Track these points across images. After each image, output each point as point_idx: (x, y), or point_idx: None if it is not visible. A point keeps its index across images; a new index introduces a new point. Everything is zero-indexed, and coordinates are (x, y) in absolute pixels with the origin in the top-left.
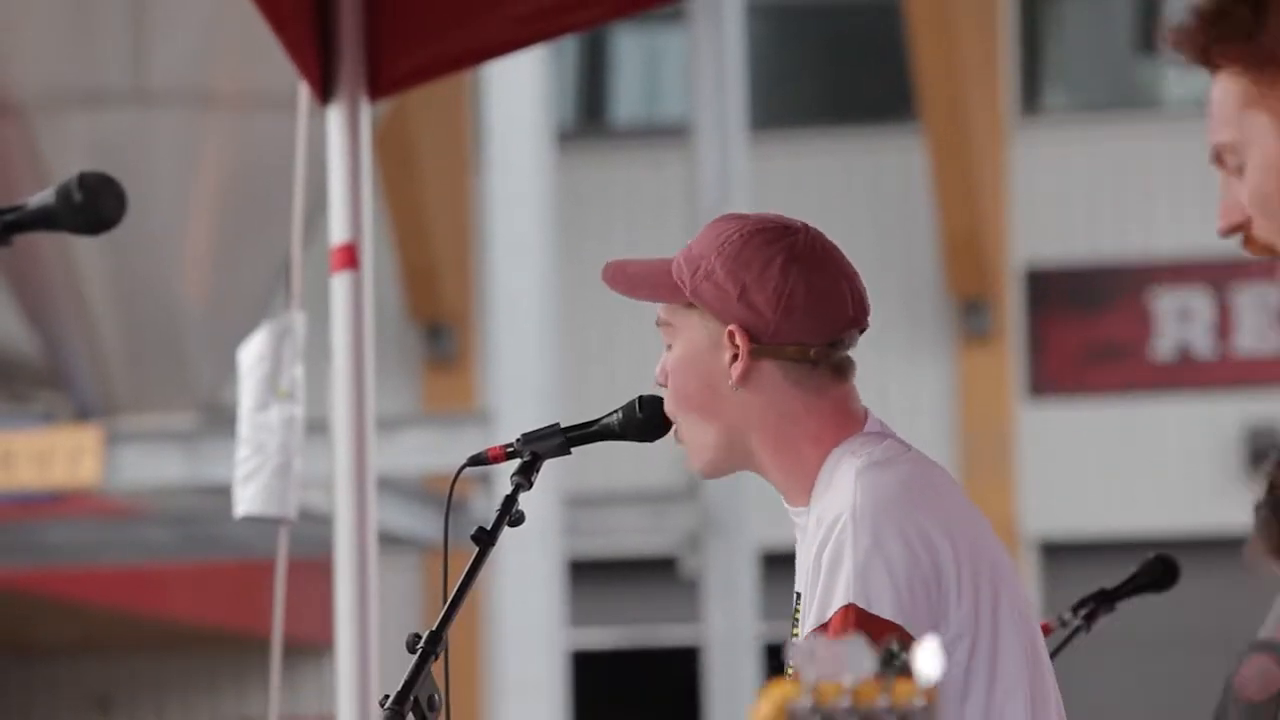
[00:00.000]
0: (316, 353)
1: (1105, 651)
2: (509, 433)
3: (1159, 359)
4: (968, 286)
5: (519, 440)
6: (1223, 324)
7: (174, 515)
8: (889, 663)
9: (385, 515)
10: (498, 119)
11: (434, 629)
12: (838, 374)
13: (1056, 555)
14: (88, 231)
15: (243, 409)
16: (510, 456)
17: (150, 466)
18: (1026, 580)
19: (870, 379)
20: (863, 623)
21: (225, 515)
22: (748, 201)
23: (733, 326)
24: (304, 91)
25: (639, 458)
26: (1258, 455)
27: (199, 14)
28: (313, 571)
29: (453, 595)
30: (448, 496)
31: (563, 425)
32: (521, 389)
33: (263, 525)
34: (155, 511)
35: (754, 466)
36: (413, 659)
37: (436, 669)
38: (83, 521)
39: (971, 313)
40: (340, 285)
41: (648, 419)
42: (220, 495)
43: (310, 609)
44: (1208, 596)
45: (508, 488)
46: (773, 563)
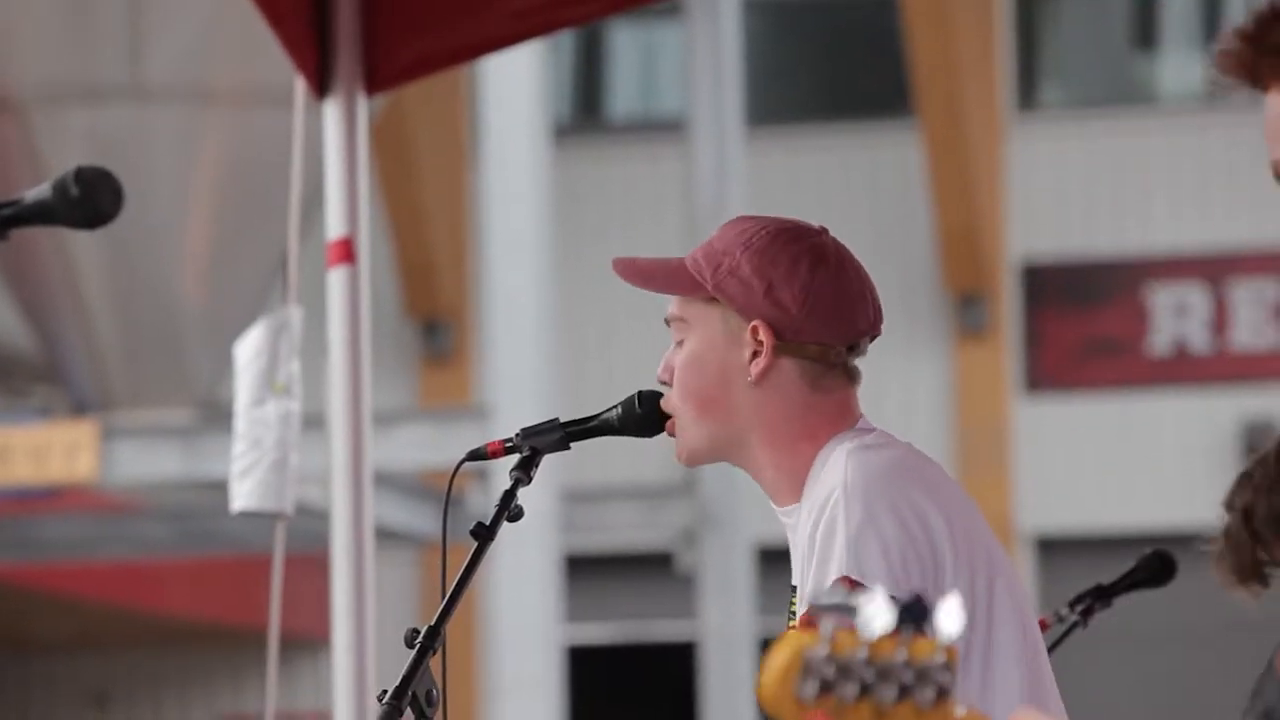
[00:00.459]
0: (313, 348)
1: (1102, 647)
2: (506, 428)
3: (1155, 354)
4: (964, 282)
5: (518, 435)
6: (1219, 319)
7: (170, 510)
8: (908, 618)
9: (382, 510)
10: (494, 114)
11: (432, 624)
12: (849, 378)
13: (1053, 551)
14: (85, 226)
15: (239, 404)
16: (509, 451)
17: (147, 462)
18: (1023, 576)
19: (867, 374)
20: None
21: (222, 510)
22: (744, 197)
23: (757, 322)
24: (301, 86)
25: (635, 453)
26: (1254, 450)
27: (196, 10)
28: (309, 567)
29: (451, 590)
30: (447, 491)
31: (561, 420)
32: (518, 384)
33: (259, 520)
34: (152, 507)
35: (743, 461)
36: (411, 654)
37: (434, 664)
38: (79, 517)
39: (968, 308)
40: (337, 280)
41: (647, 414)
42: (217, 490)
43: (307, 604)
44: (1204, 592)
45: (505, 483)
46: (769, 558)
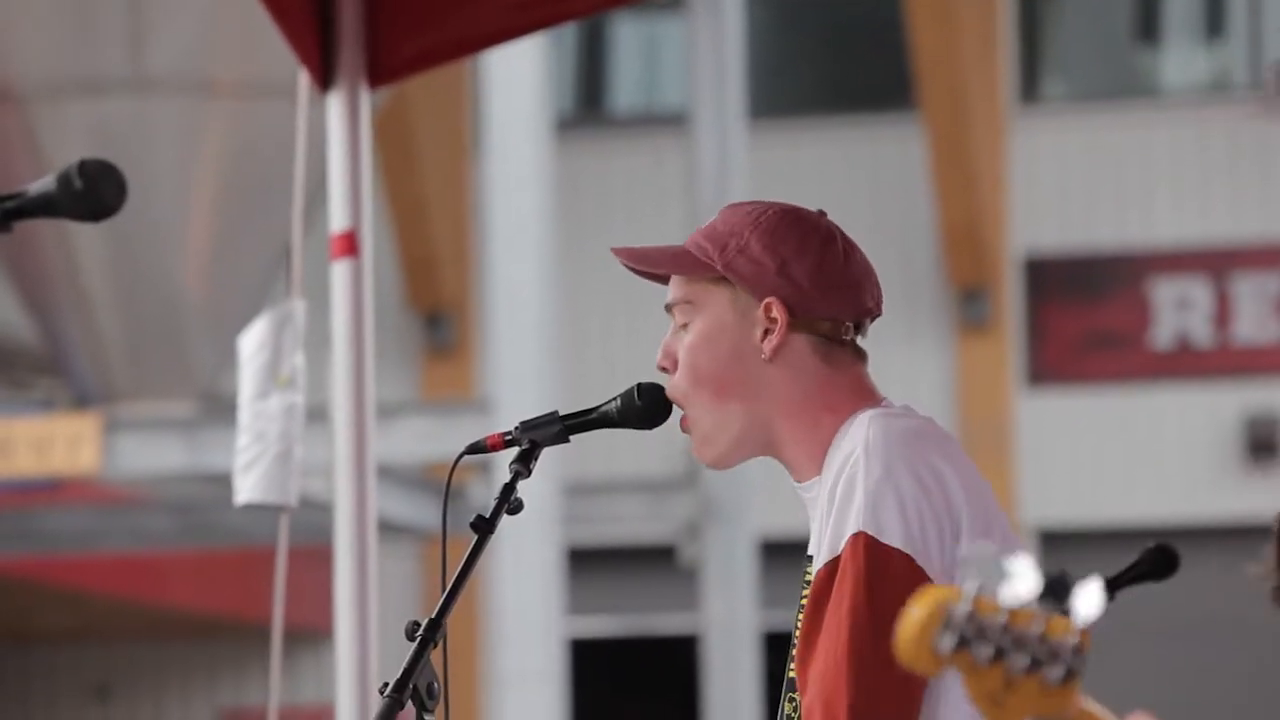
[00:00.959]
0: (316, 340)
1: (1104, 640)
2: (508, 421)
3: (1158, 348)
4: (966, 275)
5: (517, 428)
6: (1221, 313)
7: (173, 503)
8: (1051, 593)
9: (384, 503)
10: (497, 107)
11: (433, 617)
12: (857, 355)
13: (1055, 544)
14: (88, 218)
15: (243, 397)
16: (509, 444)
17: (149, 454)
18: None
19: (869, 367)
20: (872, 551)
21: (225, 503)
22: (746, 190)
23: (770, 299)
24: (304, 79)
25: (638, 446)
26: (1257, 444)
27: (198, 2)
28: (312, 559)
29: (451, 583)
30: (446, 484)
31: (561, 413)
32: (521, 377)
33: (262, 513)
34: (154, 499)
35: (767, 445)
36: (412, 647)
37: (436, 657)
38: (82, 509)
39: (970, 301)
40: (340, 273)
41: (647, 406)
42: (219, 483)
43: (309, 597)
44: (1206, 585)
45: (506, 476)
46: (772, 551)
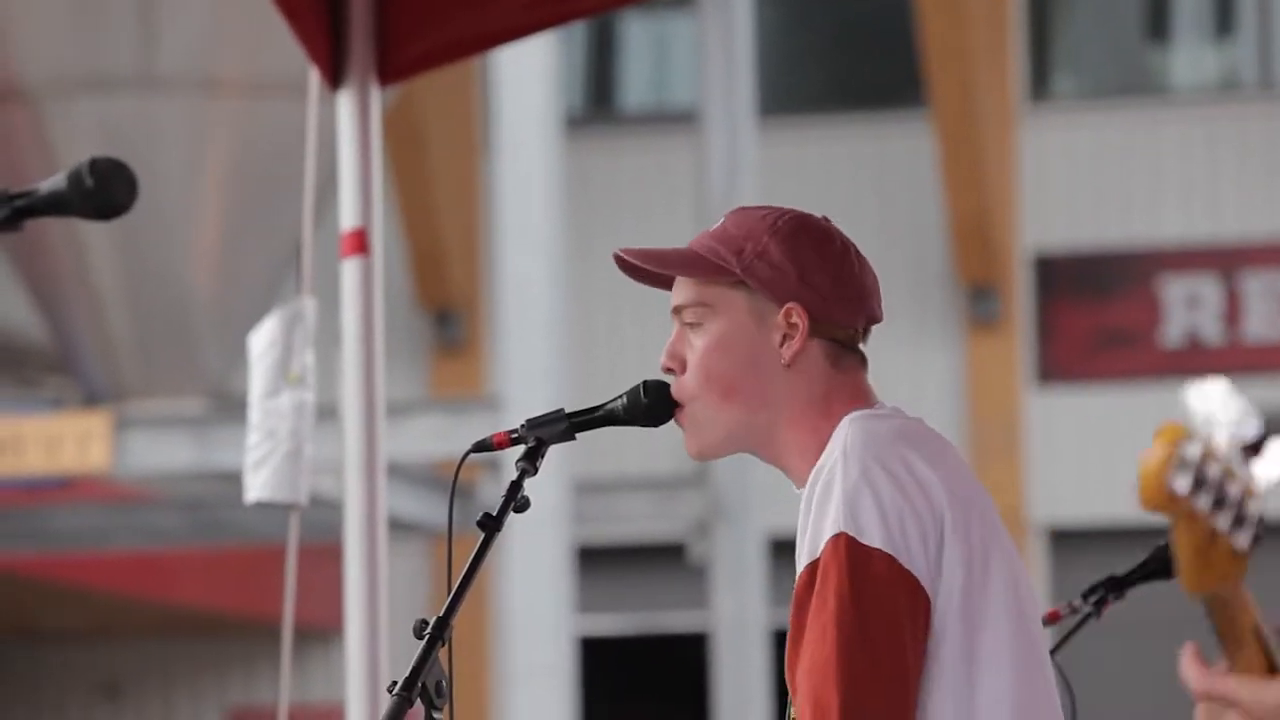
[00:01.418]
0: (326, 338)
1: (1115, 638)
2: (518, 418)
3: (1168, 345)
4: (976, 273)
5: (523, 426)
6: (1231, 310)
7: (183, 501)
8: (1252, 449)
9: (393, 501)
10: (507, 105)
11: (440, 615)
12: (861, 360)
13: (1064, 542)
14: (99, 217)
15: (254, 395)
16: (515, 442)
17: (159, 452)
18: (1034, 567)
19: (878, 365)
20: (853, 552)
21: (234, 501)
22: (756, 188)
23: (792, 305)
24: (314, 77)
25: (647, 444)
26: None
27: None
28: (322, 557)
29: (459, 581)
30: (453, 482)
31: (567, 410)
32: (530, 374)
33: (272, 511)
34: (164, 497)
35: (763, 447)
36: (420, 644)
37: (444, 655)
38: (92, 507)
39: (980, 299)
40: (350, 271)
41: (653, 404)
42: (229, 481)
43: (319, 594)
44: None
45: (514, 474)
46: (781, 549)
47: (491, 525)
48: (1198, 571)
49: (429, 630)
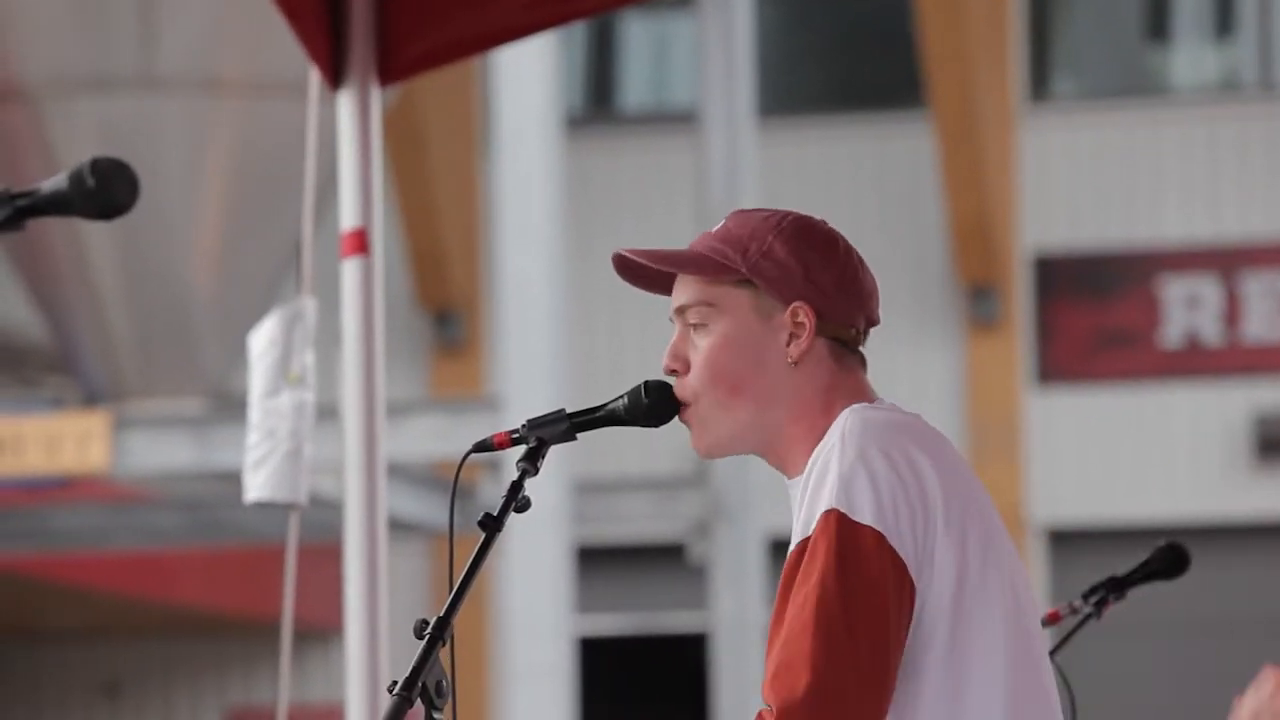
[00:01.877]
0: (326, 338)
1: (1115, 638)
2: (518, 418)
3: (1167, 346)
4: (976, 273)
5: (524, 426)
6: (1231, 311)
7: (182, 500)
8: None
9: (393, 501)
10: (507, 105)
11: (441, 615)
12: (861, 358)
13: (1064, 543)
14: (100, 217)
15: (254, 395)
16: (516, 443)
17: (159, 452)
18: (1034, 568)
19: (878, 366)
20: (844, 527)
21: (234, 501)
22: (756, 189)
23: (799, 304)
24: (314, 77)
25: (647, 444)
26: (1266, 442)
27: None
28: (321, 557)
29: (459, 581)
30: (453, 483)
31: (569, 411)
32: (530, 374)
33: (271, 510)
34: (164, 497)
35: (764, 443)
36: (421, 645)
37: (445, 654)
38: (91, 507)
39: (980, 299)
40: (350, 271)
41: (654, 404)
42: (229, 481)
43: (319, 594)
44: (1213, 583)
45: (515, 474)
46: (781, 549)
47: (493, 525)
48: None
49: (430, 630)
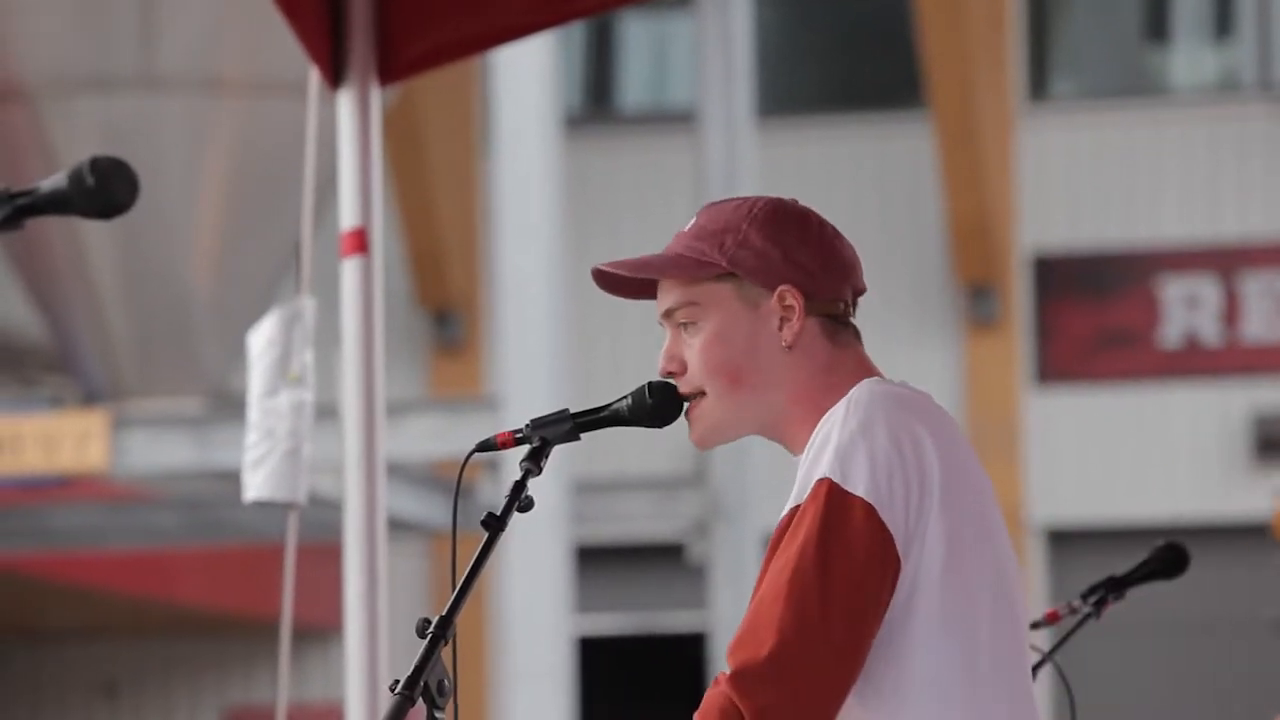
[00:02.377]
0: (325, 338)
1: (1115, 638)
2: (517, 418)
3: (1167, 346)
4: (975, 273)
5: (528, 426)
6: (1230, 311)
7: (182, 500)
8: None
9: (393, 501)
10: (506, 104)
11: (443, 614)
12: (856, 333)
13: (1064, 543)
14: (100, 216)
15: (253, 394)
16: (519, 442)
17: (158, 451)
18: (1034, 567)
19: (877, 365)
20: (834, 496)
21: (233, 500)
22: (755, 188)
23: (785, 287)
24: (314, 77)
25: (647, 444)
26: (1265, 442)
27: None
28: (321, 556)
29: (462, 581)
30: (456, 482)
31: (572, 411)
32: (529, 374)
33: (271, 510)
34: (163, 496)
35: (769, 427)
36: (422, 644)
37: (446, 654)
38: (90, 506)
39: (979, 299)
40: (350, 270)
41: (658, 405)
42: (228, 480)
43: (318, 594)
44: (1213, 583)
45: (516, 473)
46: None
47: (495, 525)
48: None
49: (432, 629)
